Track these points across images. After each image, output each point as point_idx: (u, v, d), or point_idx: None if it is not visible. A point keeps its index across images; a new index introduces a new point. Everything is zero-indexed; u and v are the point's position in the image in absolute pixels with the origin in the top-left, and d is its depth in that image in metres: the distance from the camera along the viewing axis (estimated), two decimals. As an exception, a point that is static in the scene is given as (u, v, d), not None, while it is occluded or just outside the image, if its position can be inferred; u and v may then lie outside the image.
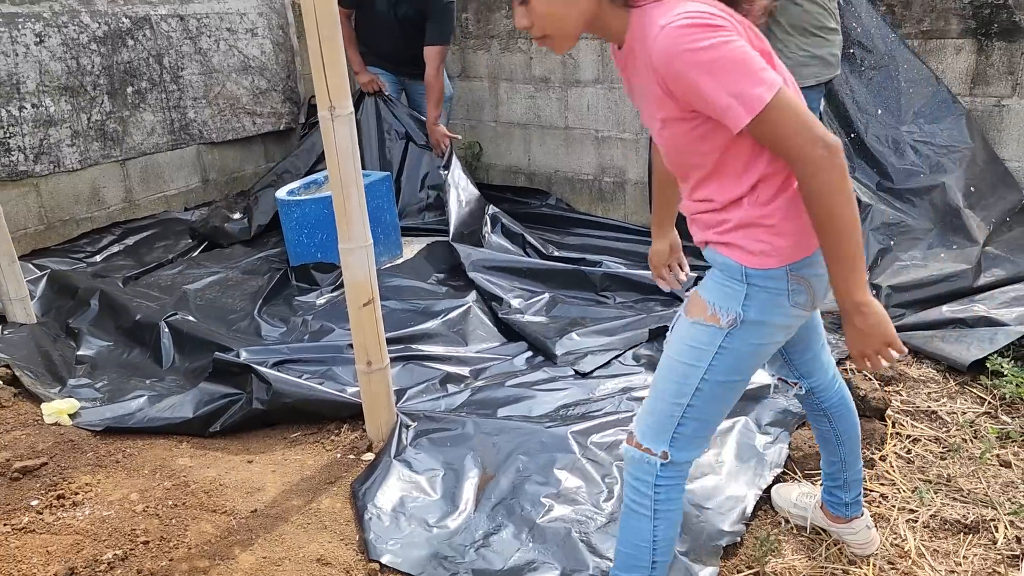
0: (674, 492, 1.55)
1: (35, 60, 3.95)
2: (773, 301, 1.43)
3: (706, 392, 1.48)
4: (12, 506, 2.22)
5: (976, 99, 3.32)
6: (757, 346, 1.47)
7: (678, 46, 1.26)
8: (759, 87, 1.25)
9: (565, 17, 1.40)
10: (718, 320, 1.44)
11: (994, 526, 2.05)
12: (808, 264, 1.42)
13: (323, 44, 2.09)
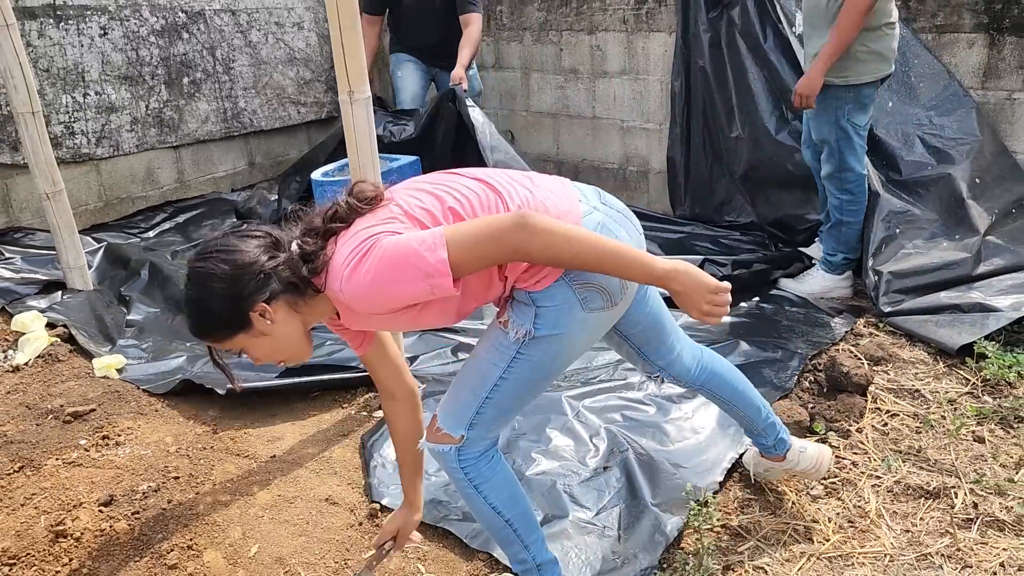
0: (483, 463, 1.67)
1: (99, 51, 4.28)
2: (565, 314, 1.52)
3: (504, 389, 1.59)
4: (63, 444, 2.50)
5: (988, 92, 3.39)
6: (555, 355, 1.58)
7: (358, 286, 1.39)
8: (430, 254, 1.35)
9: (288, 341, 1.52)
10: (511, 334, 1.56)
11: (954, 493, 2.17)
12: (579, 271, 1.50)
13: (343, 34, 2.31)
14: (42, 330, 3.16)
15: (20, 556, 2.05)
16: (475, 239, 1.36)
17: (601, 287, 1.54)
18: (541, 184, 1.60)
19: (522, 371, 1.58)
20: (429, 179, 1.61)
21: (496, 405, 1.62)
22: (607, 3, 4.36)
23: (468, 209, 1.49)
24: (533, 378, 1.61)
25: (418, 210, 1.49)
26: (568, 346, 1.59)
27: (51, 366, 3.01)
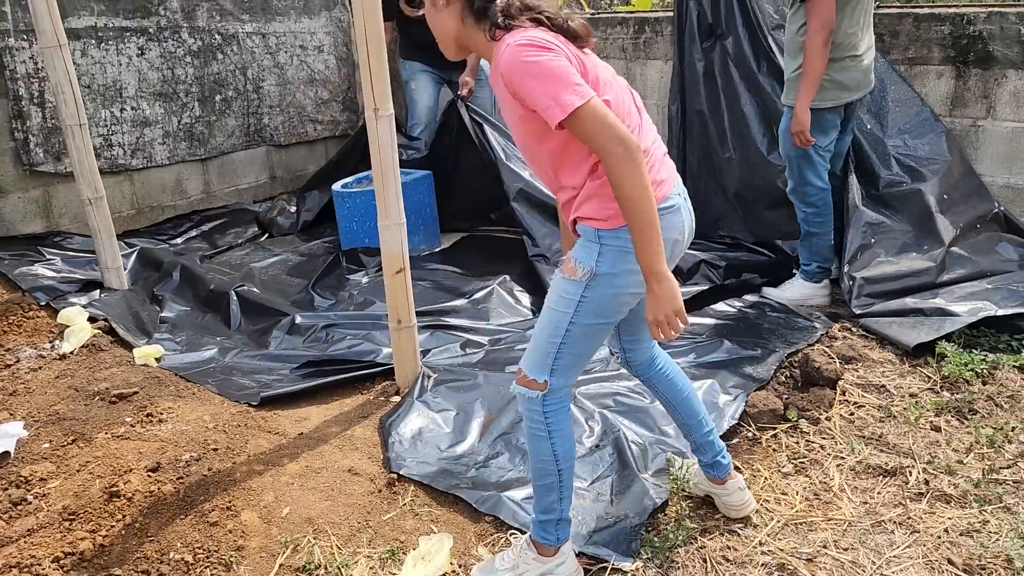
0: (561, 414, 1.93)
1: (135, 69, 4.60)
2: (623, 258, 1.77)
3: (573, 333, 1.84)
4: (111, 421, 2.77)
5: (955, 119, 3.68)
6: (613, 295, 1.82)
7: (516, 57, 1.68)
8: (572, 95, 1.62)
9: (440, 29, 1.87)
10: (574, 271, 1.82)
11: (909, 472, 2.44)
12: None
13: (371, 59, 2.62)
14: (85, 323, 3.45)
15: (79, 513, 2.32)
16: (601, 123, 1.62)
17: None
18: (662, 153, 1.88)
19: (586, 314, 1.83)
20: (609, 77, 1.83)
21: (569, 350, 1.88)
22: (608, 33, 4.68)
23: (616, 110, 1.75)
24: (596, 322, 1.86)
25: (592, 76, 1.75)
26: (623, 288, 1.82)
27: (95, 355, 3.29)
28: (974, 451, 2.53)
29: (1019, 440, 2.58)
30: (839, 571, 2.08)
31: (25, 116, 4.18)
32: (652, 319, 1.72)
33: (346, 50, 5.65)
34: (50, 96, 4.25)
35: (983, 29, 3.51)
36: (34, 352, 3.33)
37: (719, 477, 2.25)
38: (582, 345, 1.90)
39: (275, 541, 2.24)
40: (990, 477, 2.39)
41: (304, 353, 3.24)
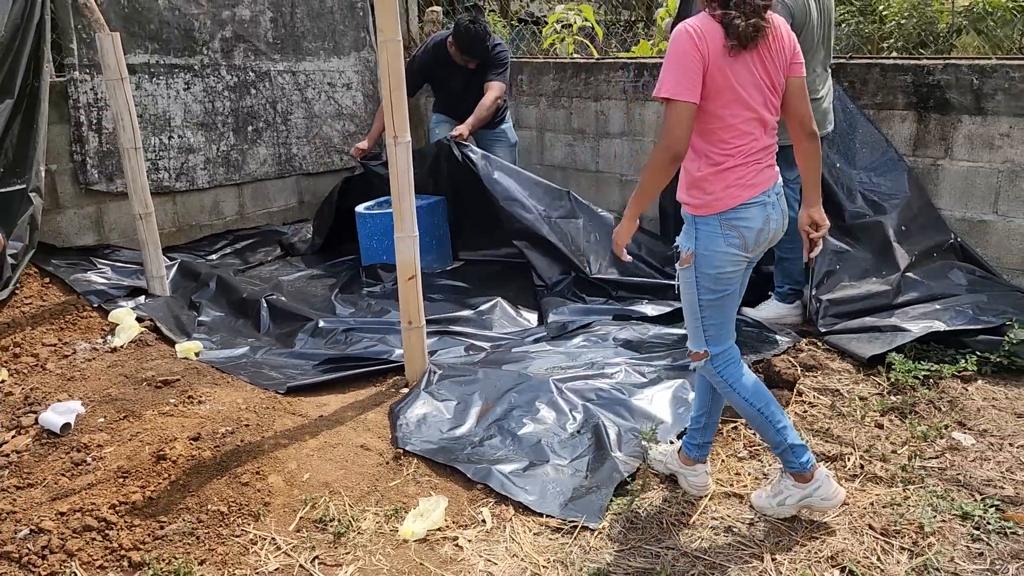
0: (732, 368, 2.39)
1: (182, 102, 5.11)
2: (712, 238, 2.25)
3: (706, 308, 2.33)
4: (157, 401, 3.19)
5: (918, 159, 4.08)
6: (716, 273, 2.27)
7: (672, 34, 2.16)
8: (672, 86, 2.09)
9: None
10: (684, 258, 2.30)
11: (848, 458, 2.79)
12: (733, 215, 2.22)
13: (392, 93, 3.06)
14: (133, 322, 3.89)
15: (131, 472, 2.72)
16: (671, 120, 2.12)
17: (739, 231, 2.24)
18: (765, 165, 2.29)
19: (705, 291, 2.31)
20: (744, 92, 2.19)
21: (710, 322, 2.35)
22: (610, 76, 5.14)
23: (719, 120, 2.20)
24: (715, 296, 2.31)
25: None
26: (720, 267, 2.27)
27: (142, 349, 3.73)
28: (909, 444, 2.88)
29: (950, 436, 2.93)
30: (775, 532, 2.44)
31: (84, 140, 4.69)
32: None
33: (372, 87, 6.15)
34: (107, 123, 4.75)
35: (940, 79, 3.92)
36: (88, 346, 3.77)
37: (695, 459, 2.63)
38: (717, 315, 2.35)
39: (296, 499, 2.63)
40: (917, 464, 2.74)
41: (326, 352, 3.65)
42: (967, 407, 3.11)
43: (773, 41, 2.21)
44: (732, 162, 2.21)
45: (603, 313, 3.97)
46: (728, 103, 2.18)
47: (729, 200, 2.23)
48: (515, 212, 4.37)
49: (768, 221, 2.29)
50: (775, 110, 2.29)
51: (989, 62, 3.83)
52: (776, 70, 2.24)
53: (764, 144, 2.27)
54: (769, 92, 2.24)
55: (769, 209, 2.29)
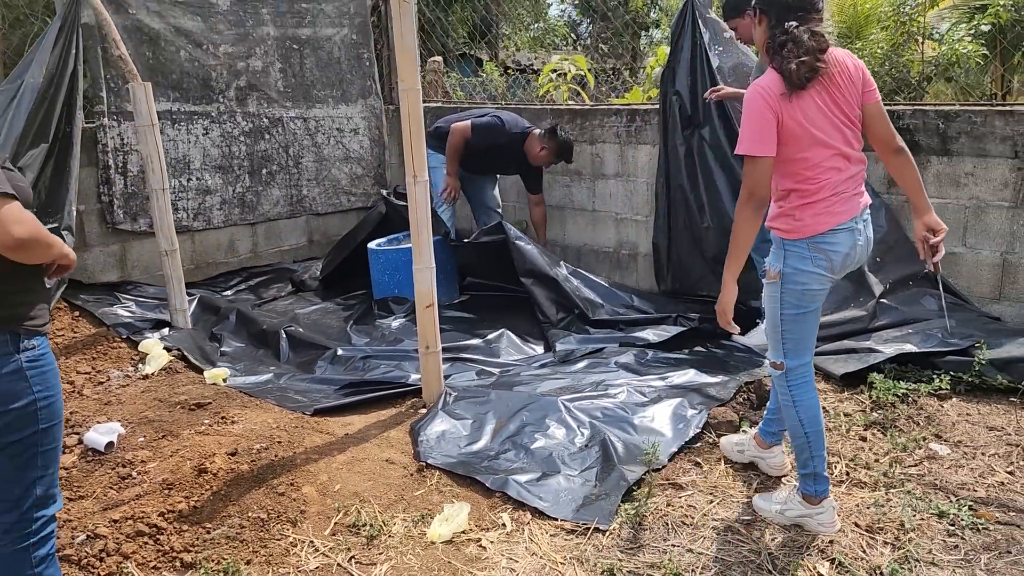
0: (803, 388, 2.63)
1: (201, 146, 5.41)
2: (800, 259, 2.49)
3: (786, 322, 2.56)
4: (193, 422, 3.42)
5: (893, 196, 4.41)
6: (802, 287, 2.50)
7: (747, 93, 2.45)
8: (750, 143, 2.40)
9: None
10: (770, 275, 2.55)
11: (835, 466, 3.05)
12: (820, 240, 2.46)
13: (412, 137, 3.36)
14: (162, 351, 4.12)
15: (175, 484, 2.94)
16: (751, 171, 2.43)
17: (826, 253, 2.48)
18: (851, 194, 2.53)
19: (788, 306, 2.55)
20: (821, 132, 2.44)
21: (790, 336, 2.59)
22: (605, 121, 5.48)
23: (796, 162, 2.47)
24: (797, 311, 2.55)
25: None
26: (806, 283, 2.50)
27: (172, 376, 3.96)
28: (890, 454, 3.15)
29: (927, 447, 3.20)
30: (769, 531, 2.69)
31: (111, 183, 4.96)
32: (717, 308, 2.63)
33: (378, 133, 6.48)
34: (131, 167, 5.04)
35: (910, 123, 4.27)
36: (121, 373, 4.00)
37: (771, 443, 3.00)
38: (797, 330, 2.59)
39: (329, 507, 2.86)
40: (898, 470, 3.01)
41: (346, 377, 3.89)
42: (943, 421, 3.38)
43: (839, 76, 2.44)
44: (820, 195, 2.46)
45: (608, 342, 4.24)
46: (808, 146, 2.43)
47: (818, 227, 2.47)
48: (526, 250, 4.66)
49: (855, 246, 2.53)
50: (856, 141, 2.52)
51: (953, 108, 4.19)
52: (849, 104, 2.47)
53: (850, 174, 2.51)
54: (846, 127, 2.48)
55: (856, 235, 2.53)
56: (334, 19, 6.12)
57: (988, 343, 3.67)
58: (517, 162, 5.23)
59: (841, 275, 2.59)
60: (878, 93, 2.55)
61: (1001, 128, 4.00)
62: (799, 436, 2.65)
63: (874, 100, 2.53)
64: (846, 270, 2.57)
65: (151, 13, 5.13)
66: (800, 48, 2.37)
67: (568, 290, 4.57)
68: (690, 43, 4.78)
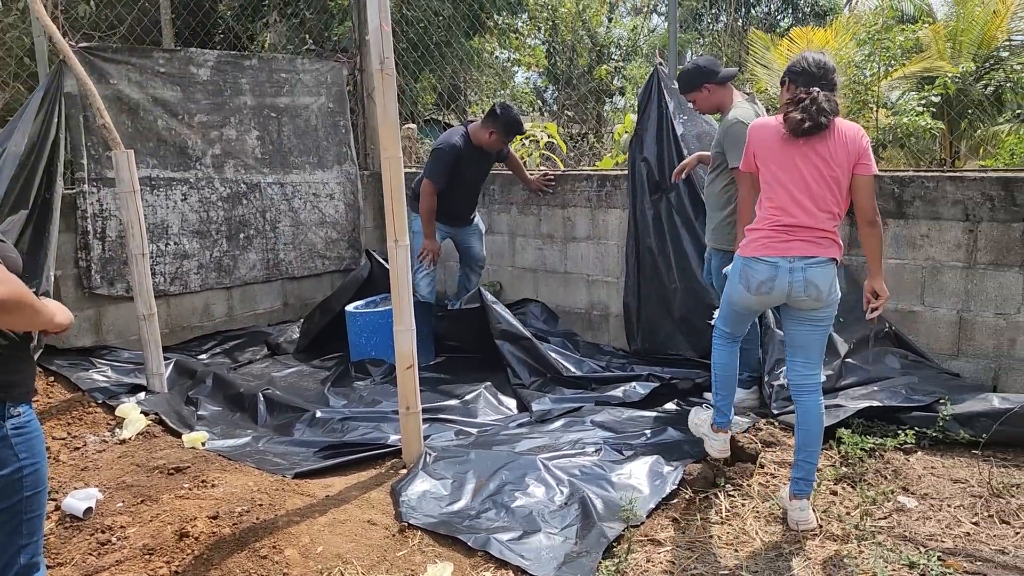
0: (721, 346, 3.35)
1: (179, 212, 5.48)
2: (733, 269, 3.11)
3: (725, 303, 3.24)
4: (172, 486, 3.41)
5: (853, 257, 4.60)
6: (729, 291, 3.14)
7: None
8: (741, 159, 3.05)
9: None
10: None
11: (808, 519, 3.13)
12: (747, 262, 3.01)
13: (393, 201, 3.47)
14: (139, 415, 4.12)
15: (156, 549, 2.93)
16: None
17: (746, 275, 3.07)
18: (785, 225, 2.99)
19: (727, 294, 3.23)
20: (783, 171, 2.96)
21: (724, 311, 3.30)
22: (576, 187, 5.66)
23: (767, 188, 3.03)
24: (729, 300, 3.22)
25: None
26: (730, 292, 3.20)
27: (150, 440, 3.95)
28: (861, 507, 3.24)
29: (895, 500, 3.30)
30: (748, 583, 2.75)
31: (89, 248, 5.00)
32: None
33: (353, 197, 6.60)
34: (110, 232, 5.08)
35: (866, 188, 4.49)
36: (97, 439, 3.98)
37: (795, 494, 3.10)
38: (728, 311, 3.26)
39: (312, 570, 2.86)
40: (868, 523, 3.10)
41: (326, 439, 3.92)
42: (909, 475, 3.49)
43: (836, 141, 2.88)
44: (763, 227, 3.00)
45: (583, 401, 4.32)
46: (772, 184, 2.96)
47: (748, 250, 3.05)
48: (500, 314, 4.76)
49: (771, 281, 2.98)
50: (825, 201, 2.92)
51: (907, 173, 4.43)
52: (833, 168, 2.89)
53: (803, 223, 2.93)
54: (820, 184, 2.90)
55: (780, 273, 2.96)
56: (311, 88, 6.29)
57: (951, 399, 3.81)
58: (479, 165, 5.22)
59: (760, 300, 3.07)
60: (872, 169, 2.92)
61: (952, 192, 4.23)
62: (713, 378, 3.40)
63: (864, 173, 2.92)
64: (768, 299, 3.03)
65: (132, 83, 5.24)
66: (814, 106, 2.82)
67: (542, 351, 4.67)
68: (656, 112, 5.01)
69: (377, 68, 3.36)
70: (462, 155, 5.11)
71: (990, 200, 4.09)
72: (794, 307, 3.06)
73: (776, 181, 2.93)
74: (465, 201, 5.38)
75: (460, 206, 5.36)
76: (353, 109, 6.72)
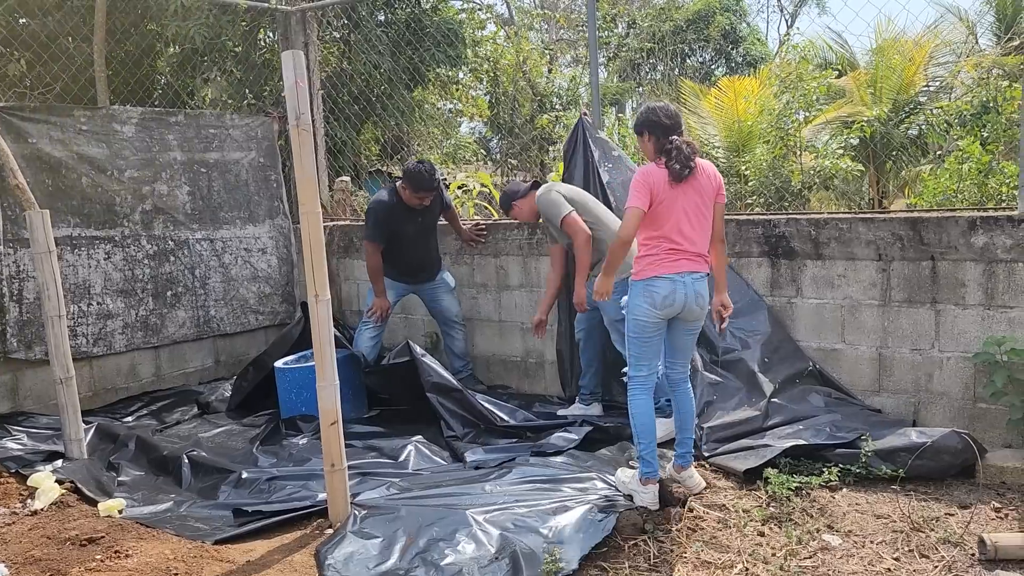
0: (637, 395, 3.61)
1: (102, 271, 5.36)
2: (635, 295, 3.52)
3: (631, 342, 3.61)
4: (83, 559, 3.27)
5: (776, 298, 4.70)
6: (634, 318, 3.54)
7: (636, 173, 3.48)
8: (633, 200, 3.38)
9: (645, 152, 3.61)
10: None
11: (735, 564, 3.13)
12: (648, 282, 3.46)
13: (313, 255, 3.45)
14: (53, 484, 3.95)
15: (62, 627, 2.79)
16: (626, 220, 3.48)
17: (650, 294, 3.53)
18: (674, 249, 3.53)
19: (630, 330, 3.65)
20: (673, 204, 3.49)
21: (633, 353, 3.69)
22: (508, 235, 5.70)
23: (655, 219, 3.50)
24: (635, 335, 3.64)
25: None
26: (637, 316, 3.58)
27: (63, 510, 3.79)
28: (786, 547, 3.26)
29: (820, 538, 3.32)
30: (673, 631, 2.73)
31: (5, 310, 4.84)
32: None
33: (287, 251, 6.54)
34: (27, 294, 4.94)
35: (785, 231, 4.61)
36: (7, 511, 3.80)
37: (680, 466, 3.70)
38: (636, 350, 3.66)
39: (229, 641, 2.76)
40: (794, 564, 3.11)
41: (251, 501, 3.80)
42: (834, 512, 3.53)
43: (702, 177, 3.49)
44: (657, 253, 3.51)
45: (516, 450, 4.28)
46: (664, 219, 3.45)
47: (647, 272, 3.51)
48: (430, 367, 4.73)
49: (672, 295, 3.47)
50: (701, 227, 3.51)
51: (822, 216, 4.57)
52: (704, 199, 3.51)
53: (684, 247, 3.48)
54: (696, 214, 3.48)
55: (675, 287, 3.47)
56: (241, 143, 6.26)
57: (872, 435, 3.88)
58: (416, 220, 5.23)
59: (664, 313, 3.50)
60: (725, 198, 3.59)
61: (865, 233, 4.36)
62: (636, 429, 3.60)
63: (721, 201, 3.58)
64: (663, 310, 3.48)
65: (54, 141, 5.16)
66: (681, 155, 3.42)
67: (473, 402, 4.64)
68: (582, 160, 5.10)
69: (293, 124, 3.37)
70: (394, 210, 5.16)
71: (900, 240, 4.23)
72: (685, 318, 3.58)
73: (665, 216, 3.45)
74: (415, 255, 5.38)
75: (411, 261, 5.37)
76: (286, 163, 6.70)
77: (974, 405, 4.15)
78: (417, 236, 5.33)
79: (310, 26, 6.83)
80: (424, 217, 5.32)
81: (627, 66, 19.39)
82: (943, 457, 3.72)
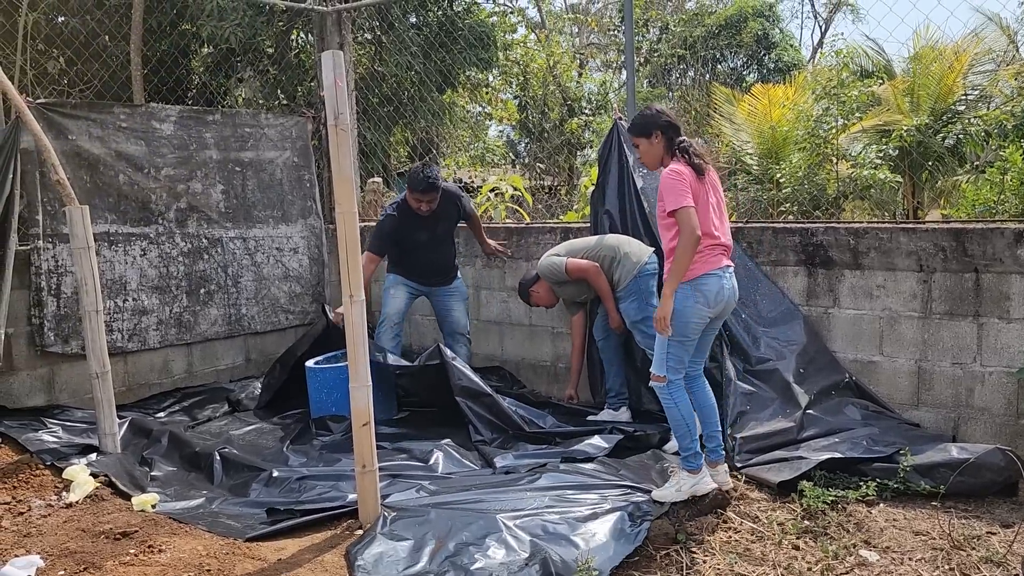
0: (680, 393, 3.58)
1: (138, 267, 5.41)
2: (684, 297, 3.48)
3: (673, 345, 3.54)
4: (117, 552, 3.29)
5: (812, 308, 4.63)
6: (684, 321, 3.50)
7: (665, 176, 3.46)
8: (682, 199, 3.36)
9: (649, 154, 3.65)
10: None
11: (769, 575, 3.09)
12: (698, 282, 3.47)
13: (348, 256, 3.45)
14: (88, 477, 3.99)
15: (96, 620, 2.81)
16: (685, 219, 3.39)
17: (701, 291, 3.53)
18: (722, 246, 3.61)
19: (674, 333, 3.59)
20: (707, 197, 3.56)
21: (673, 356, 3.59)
22: (540, 239, 5.68)
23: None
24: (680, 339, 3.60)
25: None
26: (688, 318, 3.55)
27: (97, 504, 3.82)
28: (823, 562, 3.20)
29: (857, 554, 3.26)
30: (708, 645, 2.69)
31: (43, 305, 4.90)
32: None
33: (318, 251, 6.57)
34: (65, 288, 5.00)
35: (823, 239, 4.55)
36: (43, 503, 3.84)
37: (714, 462, 3.69)
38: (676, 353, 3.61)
39: (261, 640, 2.76)
40: (830, 578, 3.06)
41: (282, 500, 3.81)
42: (871, 528, 3.46)
43: (711, 174, 3.59)
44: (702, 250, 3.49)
45: (546, 456, 4.26)
46: (703, 214, 3.46)
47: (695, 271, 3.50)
48: (460, 371, 4.71)
49: (723, 290, 3.53)
50: (722, 220, 3.61)
51: (862, 225, 4.49)
52: (717, 193, 3.60)
53: (718, 241, 3.54)
54: (716, 209, 3.56)
55: (723, 282, 3.54)
56: (276, 143, 6.30)
57: (911, 449, 3.81)
58: (425, 224, 5.17)
59: (716, 311, 3.54)
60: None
61: (906, 243, 4.29)
62: (682, 427, 3.57)
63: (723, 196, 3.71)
64: (716, 308, 3.52)
65: (93, 138, 5.22)
66: (695, 151, 3.55)
67: (503, 407, 4.62)
68: (617, 165, 5.07)
69: (332, 124, 3.38)
70: (402, 221, 5.12)
71: (942, 251, 4.15)
72: (722, 314, 3.66)
73: (703, 211, 3.48)
74: (428, 259, 5.32)
75: (423, 265, 5.33)
76: (319, 162, 6.74)
77: (1016, 422, 4.06)
78: (429, 241, 5.25)
79: (345, 27, 6.86)
80: (439, 226, 5.26)
81: (658, 71, 19.30)
82: (985, 474, 3.64)
